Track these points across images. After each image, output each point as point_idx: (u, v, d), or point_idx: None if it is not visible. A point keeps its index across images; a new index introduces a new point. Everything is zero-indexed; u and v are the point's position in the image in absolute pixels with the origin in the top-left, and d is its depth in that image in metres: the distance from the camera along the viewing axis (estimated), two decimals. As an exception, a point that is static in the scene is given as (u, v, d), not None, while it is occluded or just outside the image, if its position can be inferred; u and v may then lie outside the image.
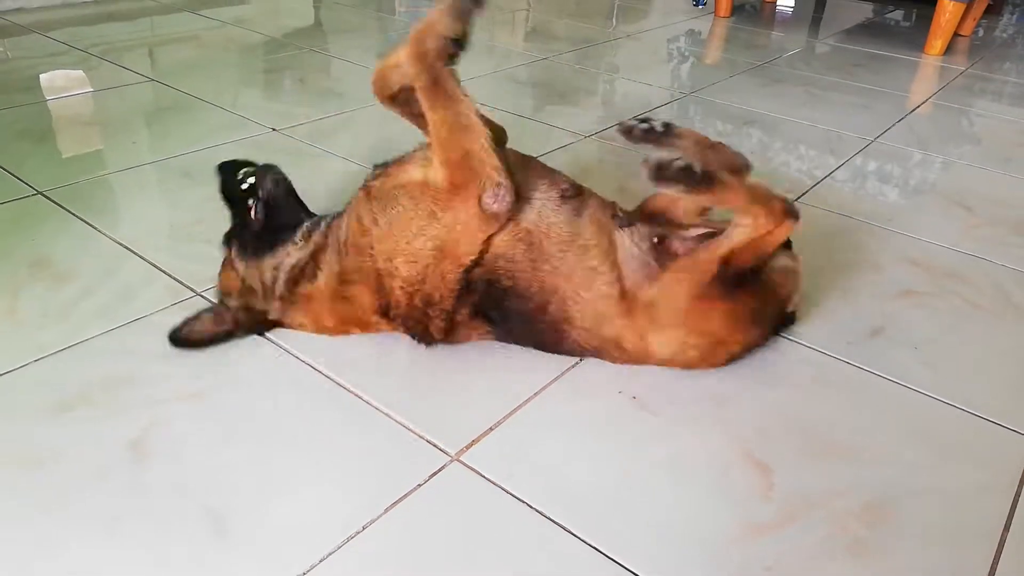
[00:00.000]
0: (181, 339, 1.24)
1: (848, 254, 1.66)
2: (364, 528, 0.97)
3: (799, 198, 1.91)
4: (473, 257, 1.17)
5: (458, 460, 1.08)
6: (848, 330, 1.40)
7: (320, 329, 1.28)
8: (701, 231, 1.28)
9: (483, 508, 1.01)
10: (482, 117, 1.17)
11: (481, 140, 1.13)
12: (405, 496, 1.02)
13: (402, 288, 1.19)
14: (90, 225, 1.60)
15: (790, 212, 1.17)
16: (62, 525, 0.95)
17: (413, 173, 1.19)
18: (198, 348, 1.24)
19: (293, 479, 1.04)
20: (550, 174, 1.28)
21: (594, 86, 2.75)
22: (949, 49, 3.33)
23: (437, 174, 1.15)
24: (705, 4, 3.93)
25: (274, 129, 2.14)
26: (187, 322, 1.25)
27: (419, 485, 1.03)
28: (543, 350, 1.26)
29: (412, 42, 1.15)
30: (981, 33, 3.80)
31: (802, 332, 1.38)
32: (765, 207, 1.16)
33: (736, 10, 3.91)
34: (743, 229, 1.16)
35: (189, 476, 1.03)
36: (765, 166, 2.11)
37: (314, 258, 1.25)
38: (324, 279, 1.24)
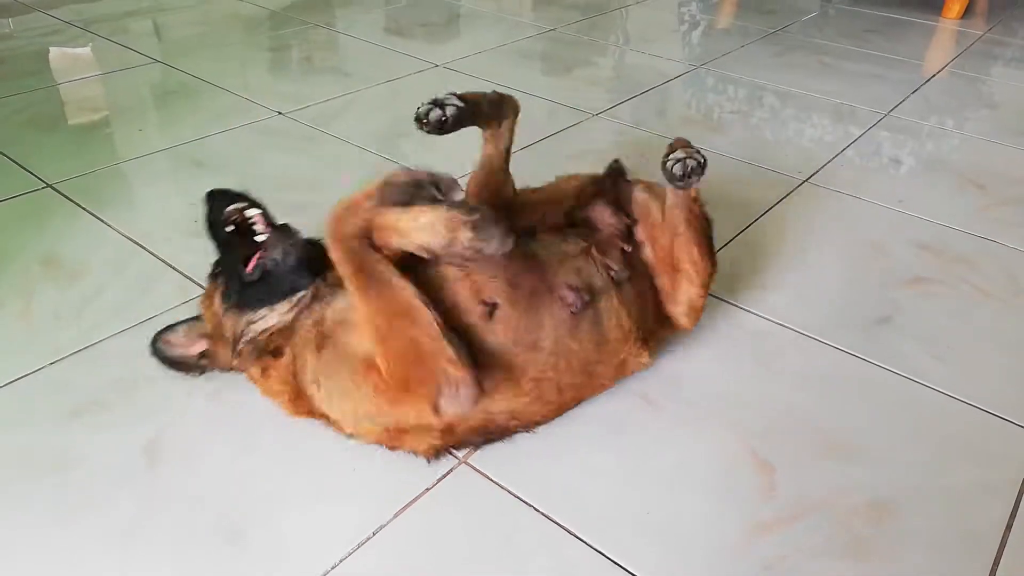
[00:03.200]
0: (159, 351, 1.17)
1: (857, 238, 1.65)
2: (375, 533, 0.99)
3: (810, 178, 1.89)
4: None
5: (466, 463, 1.10)
6: (855, 319, 1.40)
7: (270, 396, 1.13)
8: None
9: (490, 511, 1.03)
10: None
11: (429, 327, 0.94)
12: (415, 500, 1.04)
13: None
14: (100, 219, 1.61)
15: None
16: (80, 532, 0.98)
17: (356, 344, 1.00)
18: (167, 366, 1.17)
19: (306, 484, 1.06)
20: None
21: (604, 59, 2.71)
22: (968, 11, 3.25)
23: (381, 365, 0.96)
24: (717, -34, 3.83)
25: (280, 112, 2.13)
26: (164, 331, 1.18)
27: (428, 489, 1.05)
28: None
29: (330, 222, 0.98)
30: (1002, -8, 3.70)
31: (809, 323, 1.38)
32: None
33: (749, -28, 3.82)
34: None
35: (204, 481, 1.06)
36: (777, 142, 2.08)
37: (284, 336, 1.10)
38: (286, 362, 1.09)
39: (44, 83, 2.31)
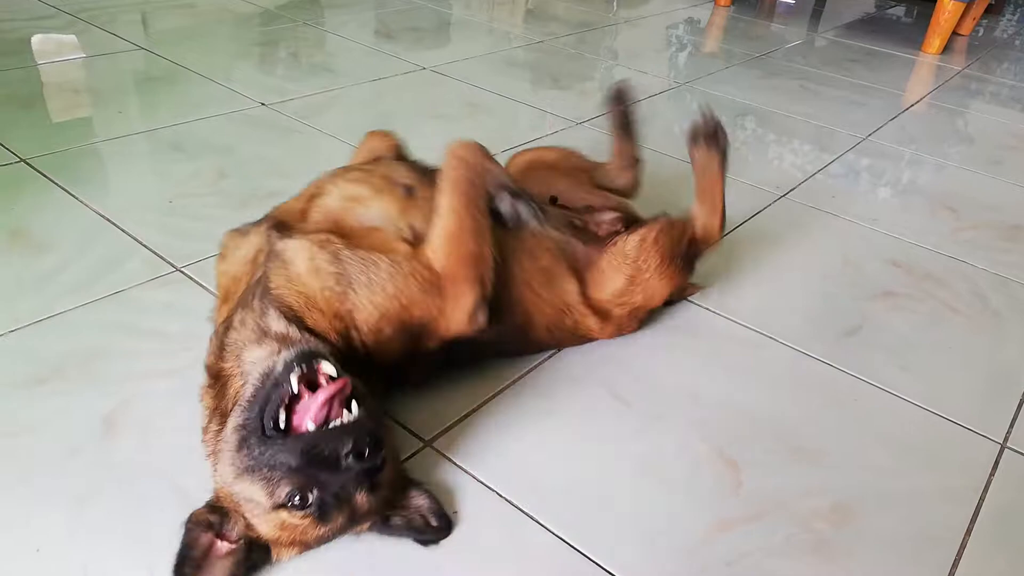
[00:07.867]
0: None
1: (831, 252, 1.67)
2: (332, 512, 0.97)
3: (788, 193, 1.91)
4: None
5: (431, 446, 1.08)
6: (825, 328, 1.41)
7: None
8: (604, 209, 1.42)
9: (452, 494, 1.02)
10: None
11: (491, 257, 1.09)
12: (375, 481, 1.02)
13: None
14: (72, 195, 1.58)
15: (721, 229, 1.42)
16: (30, 500, 0.95)
17: (392, 242, 1.07)
18: None
19: (264, 460, 1.04)
20: None
21: (590, 72, 2.74)
22: (947, 48, 3.32)
23: (436, 254, 1.06)
24: (706, -8, 3.90)
25: (263, 104, 2.12)
26: None
27: (389, 470, 1.04)
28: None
29: (461, 147, 1.18)
30: (980, 33, 3.79)
31: (780, 330, 1.39)
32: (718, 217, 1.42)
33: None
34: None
35: (160, 454, 1.03)
36: (756, 159, 2.10)
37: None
38: None
39: (26, 63, 2.28)
